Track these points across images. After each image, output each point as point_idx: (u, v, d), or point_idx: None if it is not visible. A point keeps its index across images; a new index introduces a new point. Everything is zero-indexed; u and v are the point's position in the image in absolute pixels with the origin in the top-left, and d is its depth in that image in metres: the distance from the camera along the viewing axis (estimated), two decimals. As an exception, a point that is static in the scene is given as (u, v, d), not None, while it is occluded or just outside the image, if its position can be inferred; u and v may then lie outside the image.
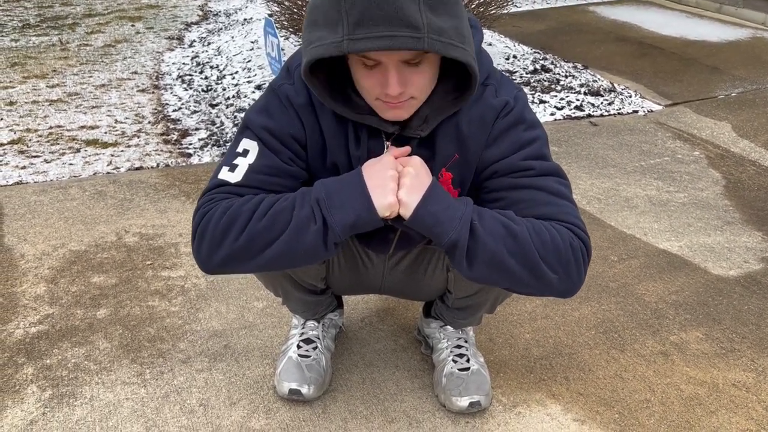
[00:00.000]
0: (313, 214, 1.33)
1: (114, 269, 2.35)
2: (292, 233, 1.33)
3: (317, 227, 1.33)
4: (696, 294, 2.30)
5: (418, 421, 1.73)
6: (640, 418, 1.76)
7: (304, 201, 1.35)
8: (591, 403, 1.81)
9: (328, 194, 1.34)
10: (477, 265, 1.35)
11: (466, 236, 1.33)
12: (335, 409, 1.76)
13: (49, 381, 1.82)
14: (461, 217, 1.33)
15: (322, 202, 1.33)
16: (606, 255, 2.53)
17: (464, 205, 1.36)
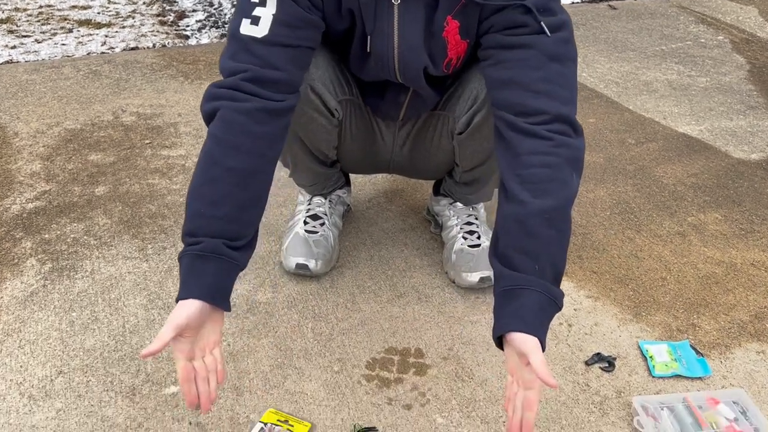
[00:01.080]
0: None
1: (111, 148, 2.26)
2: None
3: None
4: (716, 177, 2.21)
5: (427, 296, 1.69)
6: (656, 295, 1.72)
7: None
8: (605, 281, 1.76)
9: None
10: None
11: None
12: (343, 284, 1.72)
13: (48, 255, 1.77)
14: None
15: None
16: (623, 138, 2.43)
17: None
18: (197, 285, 1.17)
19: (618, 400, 1.43)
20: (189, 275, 1.18)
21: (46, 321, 1.56)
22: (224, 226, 1.21)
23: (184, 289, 1.17)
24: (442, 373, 1.48)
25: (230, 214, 1.22)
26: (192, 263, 1.18)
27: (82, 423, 1.32)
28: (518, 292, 1.17)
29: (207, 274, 1.18)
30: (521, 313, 1.15)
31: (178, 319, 1.13)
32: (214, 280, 1.19)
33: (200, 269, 1.18)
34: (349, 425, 1.34)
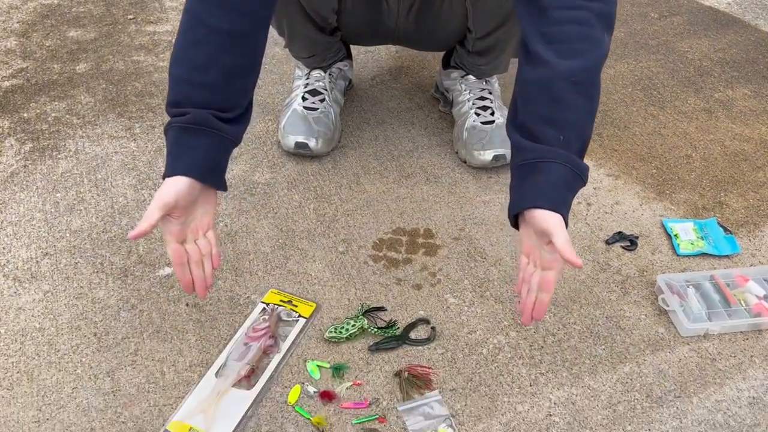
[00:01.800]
0: None
1: (92, 24, 2.08)
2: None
3: None
4: (744, 51, 2.05)
5: (436, 177, 1.58)
6: (680, 173, 1.61)
7: None
8: (626, 158, 1.65)
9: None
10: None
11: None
12: (346, 165, 1.60)
13: (28, 134, 1.65)
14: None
15: None
16: (645, 12, 2.25)
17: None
18: (186, 160, 1.06)
19: (640, 279, 1.35)
20: (176, 150, 1.06)
21: (29, 202, 1.46)
22: (212, 95, 1.08)
23: (172, 165, 1.05)
24: (453, 253, 1.39)
25: (218, 80, 1.08)
26: (179, 137, 1.06)
27: (71, 305, 1.24)
28: (540, 165, 1.04)
29: (196, 149, 1.06)
30: (543, 189, 1.03)
31: (165, 197, 1.03)
32: (204, 154, 1.07)
33: (188, 143, 1.06)
34: (357, 305, 1.26)
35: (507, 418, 1.09)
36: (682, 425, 1.09)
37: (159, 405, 1.08)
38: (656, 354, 1.20)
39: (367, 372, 1.15)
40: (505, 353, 1.19)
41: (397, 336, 1.21)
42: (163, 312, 1.23)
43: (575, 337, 1.23)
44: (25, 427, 1.04)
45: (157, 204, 1.02)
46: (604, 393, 1.14)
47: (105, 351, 1.16)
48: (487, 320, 1.25)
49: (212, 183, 1.09)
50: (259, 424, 1.06)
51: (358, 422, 1.07)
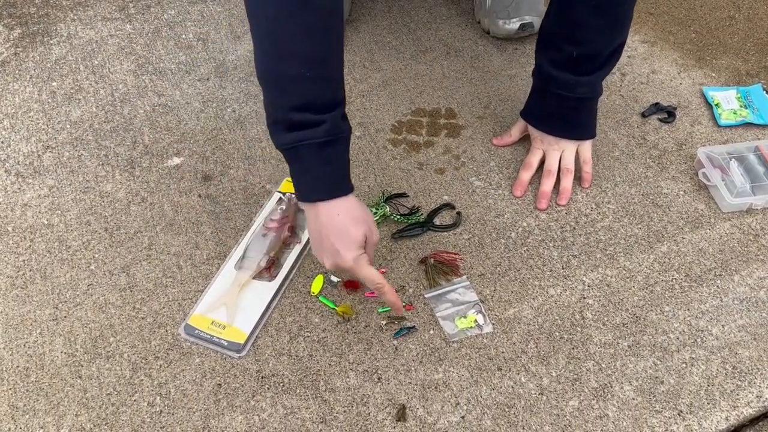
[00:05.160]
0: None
1: None
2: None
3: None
4: None
5: (457, 50, 1.46)
6: (722, 36, 1.48)
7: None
8: (663, 23, 1.51)
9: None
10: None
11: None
12: (358, 41, 1.48)
13: (15, 19, 1.53)
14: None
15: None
16: None
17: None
18: (341, 179, 0.92)
19: (679, 153, 1.26)
20: (323, 169, 0.89)
21: (24, 92, 1.37)
22: (337, 89, 0.89)
23: (327, 189, 0.90)
24: (477, 133, 1.30)
25: (339, 69, 0.89)
26: (320, 154, 0.88)
27: (78, 200, 1.18)
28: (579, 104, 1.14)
29: (340, 162, 0.92)
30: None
31: (361, 239, 0.91)
32: (346, 164, 0.93)
33: (333, 157, 0.90)
34: (377, 192, 1.20)
35: (538, 302, 1.05)
36: (722, 304, 1.05)
37: (178, 299, 1.05)
38: (696, 232, 1.14)
39: (390, 260, 1.10)
40: (534, 236, 1.14)
41: (421, 222, 1.15)
42: (175, 204, 1.18)
43: (609, 216, 1.16)
44: (43, 326, 1.02)
45: (358, 251, 0.90)
46: (641, 273, 1.09)
47: (118, 246, 1.11)
48: (515, 203, 1.18)
49: (353, 188, 0.94)
50: (283, 315, 1.03)
51: (384, 311, 1.04)
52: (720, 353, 0.99)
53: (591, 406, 0.94)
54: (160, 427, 0.91)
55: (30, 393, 0.95)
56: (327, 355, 0.99)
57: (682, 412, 0.93)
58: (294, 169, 0.91)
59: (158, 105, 1.34)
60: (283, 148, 0.90)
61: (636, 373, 0.97)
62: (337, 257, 0.90)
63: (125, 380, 0.96)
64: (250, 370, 0.97)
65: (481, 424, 0.92)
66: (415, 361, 0.98)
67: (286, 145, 0.88)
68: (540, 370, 0.97)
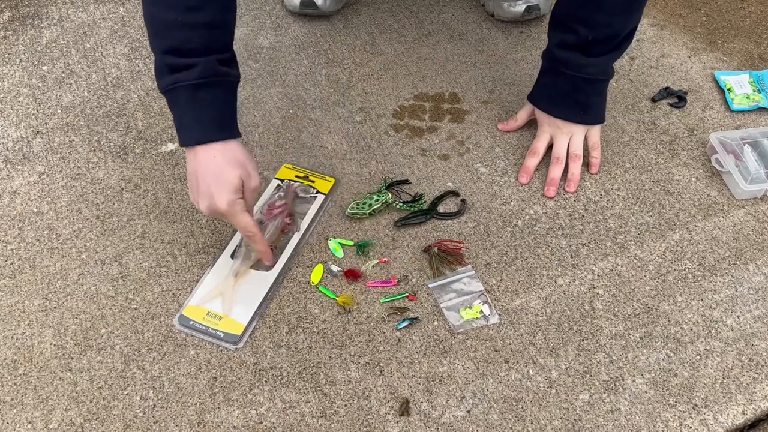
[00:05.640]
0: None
1: None
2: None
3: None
4: None
5: (461, 33, 1.42)
6: (733, 19, 1.44)
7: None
8: (672, 5, 1.47)
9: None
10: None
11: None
12: (359, 24, 1.44)
13: (5, 2, 1.48)
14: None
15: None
16: None
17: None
18: (221, 122, 0.92)
19: (690, 139, 1.22)
20: (198, 113, 0.90)
21: (13, 76, 1.32)
22: (211, 36, 0.91)
23: (202, 132, 0.90)
24: (482, 118, 1.26)
25: (215, 18, 0.90)
26: (194, 96, 0.89)
27: (69, 187, 1.14)
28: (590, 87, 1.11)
29: (219, 105, 0.92)
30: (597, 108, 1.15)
31: (235, 181, 0.90)
32: (228, 109, 0.94)
33: (208, 101, 0.91)
34: (379, 179, 1.16)
35: (547, 292, 1.01)
36: (737, 293, 1.01)
37: (172, 289, 1.01)
38: (708, 219, 1.10)
39: (393, 249, 1.06)
40: (542, 224, 1.10)
41: (425, 210, 1.11)
42: (170, 191, 1.14)
43: (619, 204, 1.13)
44: (32, 317, 0.98)
45: (254, 201, 0.93)
46: (652, 262, 1.05)
47: (110, 234, 1.07)
48: (521, 190, 1.15)
49: (237, 136, 0.94)
50: (282, 306, 0.99)
51: (386, 301, 1.00)
52: (735, 345, 0.96)
53: (602, 399, 0.90)
54: (153, 422, 0.88)
55: (18, 387, 0.91)
56: (327, 347, 0.95)
57: (696, 405, 0.90)
58: (175, 113, 0.93)
59: (152, 89, 1.30)
60: (163, 91, 0.91)
61: (648, 365, 0.94)
62: (210, 200, 0.90)
63: (117, 373, 0.92)
64: (247, 362, 0.93)
65: (488, 418, 0.88)
66: (418, 353, 0.95)
67: (165, 87, 0.90)
68: (549, 362, 0.94)
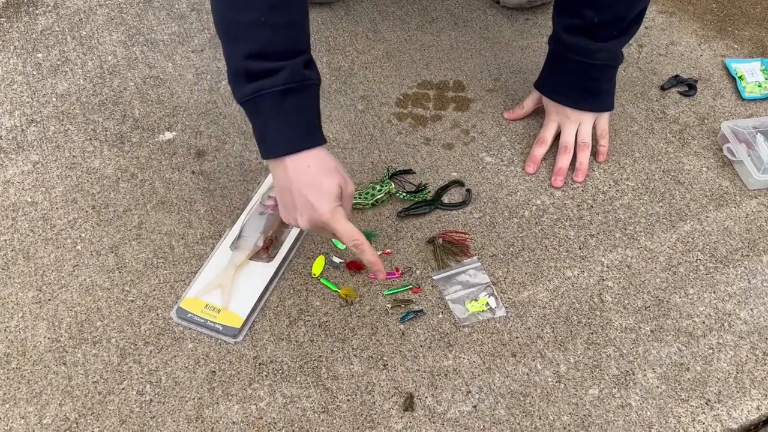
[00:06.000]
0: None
1: None
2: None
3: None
4: None
5: (465, 21, 1.39)
6: (744, 6, 1.41)
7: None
8: (682, -8, 1.44)
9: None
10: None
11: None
12: (361, 11, 1.41)
13: (-1, -12, 1.45)
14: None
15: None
16: None
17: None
18: (311, 130, 0.86)
19: (701, 128, 1.19)
20: (287, 119, 0.84)
21: (7, 64, 1.29)
22: (297, 36, 0.85)
23: (295, 141, 0.84)
24: (487, 107, 1.23)
25: (299, 17, 0.85)
26: (282, 103, 0.83)
27: (64, 176, 1.11)
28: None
29: (307, 113, 0.86)
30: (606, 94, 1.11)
31: (335, 189, 0.84)
32: (315, 115, 0.87)
33: (297, 109, 0.84)
34: (382, 168, 1.13)
35: (555, 284, 0.98)
36: (751, 285, 0.98)
37: (170, 281, 0.98)
38: (720, 210, 1.08)
39: (396, 240, 1.04)
40: (549, 215, 1.07)
41: (429, 200, 1.08)
42: (167, 181, 1.11)
43: (629, 194, 1.10)
44: (25, 309, 0.95)
45: (335, 203, 0.84)
46: (663, 254, 1.02)
47: (106, 225, 1.05)
48: (528, 180, 1.12)
49: (325, 140, 0.88)
50: (282, 298, 0.97)
51: (390, 293, 0.97)
52: (749, 338, 0.93)
53: (612, 394, 0.88)
54: (150, 417, 0.85)
55: (11, 381, 0.88)
56: (329, 341, 0.92)
57: (710, 401, 0.87)
58: (257, 123, 0.86)
59: (149, 77, 1.27)
60: (243, 100, 0.84)
61: (660, 359, 0.91)
62: (312, 212, 0.83)
63: (113, 367, 0.90)
64: (246, 356, 0.91)
65: (495, 413, 0.86)
66: (423, 346, 0.92)
67: (246, 96, 0.83)
68: (557, 356, 0.91)
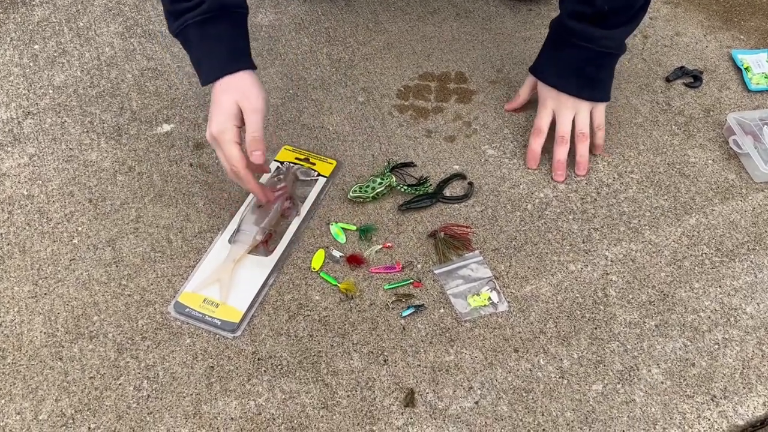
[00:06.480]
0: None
1: None
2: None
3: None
4: None
5: (467, 11, 1.38)
6: (751, -3, 1.38)
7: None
8: (687, -17, 1.42)
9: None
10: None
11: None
12: (361, 1, 1.40)
13: (-5, -21, 1.44)
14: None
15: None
16: None
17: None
18: (234, 53, 0.94)
19: (707, 120, 1.18)
20: (211, 46, 0.93)
21: (4, 56, 1.28)
22: None
23: (219, 66, 0.92)
24: (490, 99, 1.21)
25: None
26: (204, 31, 0.92)
27: (61, 169, 1.10)
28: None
29: (229, 38, 0.94)
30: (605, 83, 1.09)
31: (261, 106, 0.92)
32: (241, 39, 0.96)
33: (218, 35, 0.93)
34: (383, 161, 1.11)
35: (558, 279, 0.97)
36: (757, 280, 0.97)
37: (167, 275, 0.97)
38: (726, 203, 1.06)
39: (397, 234, 1.02)
40: (553, 208, 1.05)
41: (430, 193, 1.07)
42: (165, 174, 1.09)
43: (633, 187, 1.08)
44: (21, 304, 0.94)
45: (259, 122, 0.91)
46: (668, 248, 1.01)
47: (103, 218, 1.03)
48: (531, 173, 1.10)
49: (252, 67, 0.96)
50: (281, 293, 0.95)
51: (390, 288, 0.96)
52: (755, 333, 0.92)
53: (616, 390, 0.86)
54: (147, 413, 0.84)
55: (6, 376, 0.87)
56: (329, 336, 0.91)
57: (715, 397, 0.86)
58: (191, 56, 0.96)
59: (147, 69, 1.25)
60: (175, 35, 0.94)
61: (664, 354, 0.89)
62: (208, 129, 0.92)
63: (110, 362, 0.88)
64: (245, 351, 0.90)
65: (497, 409, 0.85)
66: (424, 341, 0.91)
67: (174, 31, 0.93)
68: (560, 351, 0.90)
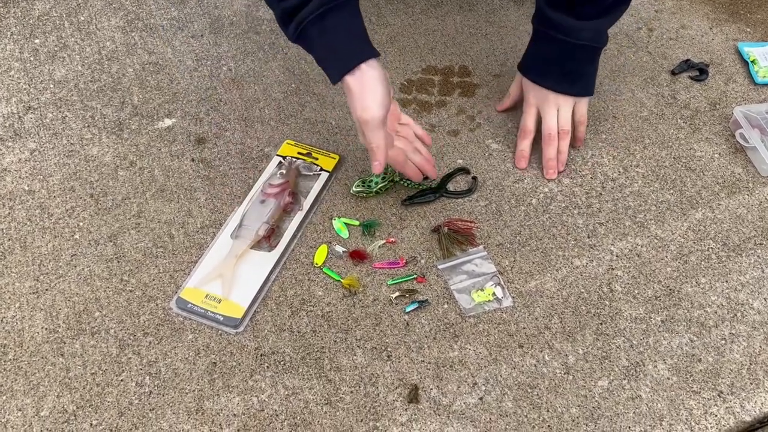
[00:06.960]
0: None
1: None
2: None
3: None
4: None
5: (470, 4, 1.36)
6: (757, -11, 1.37)
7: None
8: (693, -25, 1.40)
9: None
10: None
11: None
12: (364, -5, 1.38)
13: (-4, -27, 1.43)
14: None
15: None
16: None
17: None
18: (356, 43, 0.89)
19: (713, 113, 1.16)
20: (334, 37, 0.87)
21: (4, 50, 1.27)
22: None
23: (347, 56, 0.87)
24: (493, 93, 1.20)
25: None
26: (327, 24, 0.86)
27: (62, 164, 1.09)
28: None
29: (352, 27, 0.89)
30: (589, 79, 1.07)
31: (384, 99, 0.88)
32: (361, 27, 0.90)
33: (341, 25, 0.88)
34: (385, 155, 1.10)
35: (563, 274, 0.96)
36: (764, 275, 0.96)
37: (169, 271, 0.96)
38: (733, 197, 1.05)
39: (401, 229, 1.01)
40: (557, 203, 1.04)
41: (434, 188, 1.06)
42: (167, 169, 1.09)
43: (638, 181, 1.07)
44: (22, 299, 0.93)
45: (381, 113, 0.88)
46: (674, 242, 1.00)
47: (104, 214, 1.03)
48: (535, 167, 1.09)
49: (377, 53, 0.91)
50: (284, 288, 0.95)
51: (394, 283, 0.95)
52: (762, 329, 0.91)
53: (622, 386, 0.86)
54: (149, 409, 0.83)
55: (7, 372, 0.87)
56: (332, 331, 0.90)
57: (722, 392, 0.85)
58: (315, 57, 0.91)
59: (148, 63, 1.24)
60: (294, 39, 0.89)
61: (671, 350, 0.89)
62: (362, 112, 0.87)
63: (111, 358, 0.88)
64: (247, 347, 0.89)
65: (501, 405, 0.84)
66: (428, 337, 0.90)
67: (294, 34, 0.88)
68: (565, 347, 0.89)
